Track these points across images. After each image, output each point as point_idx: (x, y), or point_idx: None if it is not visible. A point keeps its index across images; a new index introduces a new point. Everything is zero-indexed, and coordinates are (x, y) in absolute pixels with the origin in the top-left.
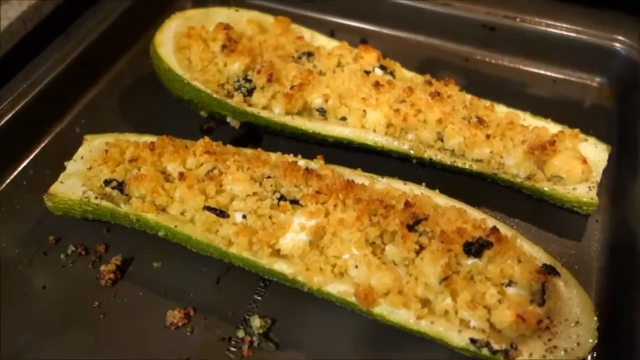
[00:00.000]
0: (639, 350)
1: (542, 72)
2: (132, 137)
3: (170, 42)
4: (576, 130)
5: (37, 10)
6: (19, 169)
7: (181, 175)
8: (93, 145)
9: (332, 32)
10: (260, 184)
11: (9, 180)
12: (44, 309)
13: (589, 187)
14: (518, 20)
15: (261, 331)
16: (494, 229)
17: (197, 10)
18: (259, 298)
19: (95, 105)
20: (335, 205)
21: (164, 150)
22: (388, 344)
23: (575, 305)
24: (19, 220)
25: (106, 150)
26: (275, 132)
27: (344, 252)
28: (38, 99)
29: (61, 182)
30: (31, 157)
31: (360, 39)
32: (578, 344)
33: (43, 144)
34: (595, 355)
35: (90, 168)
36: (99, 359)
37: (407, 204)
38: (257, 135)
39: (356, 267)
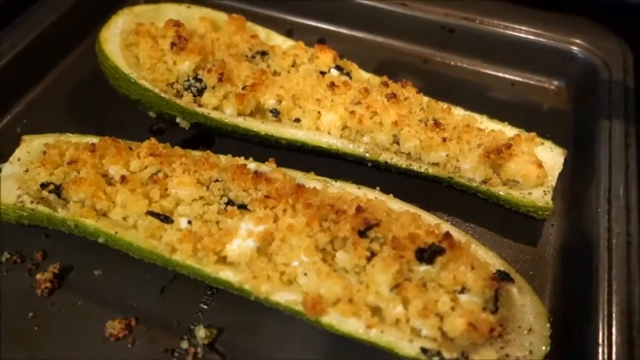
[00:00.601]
0: (589, 358)
1: (501, 74)
2: (74, 138)
3: (117, 38)
4: (532, 134)
5: None
6: None
7: (123, 179)
8: (32, 146)
9: (289, 31)
10: (208, 187)
11: None
12: None
13: (544, 191)
14: (477, 22)
15: (206, 342)
16: (447, 235)
17: (146, 7)
18: (206, 307)
19: (38, 104)
20: (284, 210)
21: (105, 152)
22: (340, 354)
23: (529, 312)
24: None
25: (44, 152)
26: (227, 134)
27: (293, 259)
28: None
29: None
30: None
31: (318, 39)
32: (530, 351)
33: None
34: None
35: (27, 170)
36: None
37: (359, 209)
38: (209, 137)
39: (305, 274)
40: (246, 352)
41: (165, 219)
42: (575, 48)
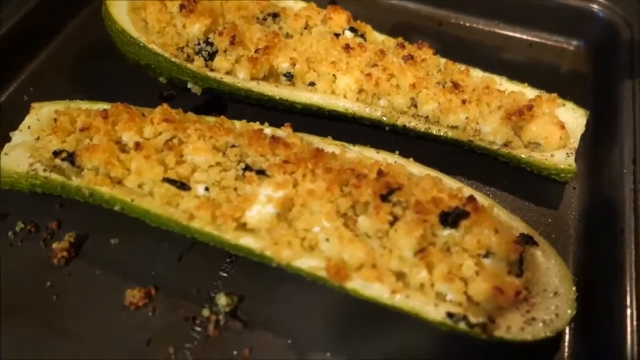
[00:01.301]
0: (617, 321)
1: (518, 35)
2: (84, 105)
3: (124, 1)
4: (554, 95)
5: None
6: None
7: (137, 145)
8: (41, 113)
9: None
10: (224, 153)
11: None
12: None
13: (567, 153)
14: None
15: (227, 309)
16: (471, 198)
17: None
18: (225, 275)
19: (43, 72)
20: (304, 175)
21: (118, 119)
22: (361, 320)
23: (554, 275)
24: None
25: (55, 119)
26: (239, 99)
27: (314, 224)
28: None
29: (5, 154)
30: None
31: (330, 1)
32: (557, 315)
33: None
34: (573, 326)
35: (38, 138)
36: (52, 346)
37: (380, 173)
38: (220, 102)
39: (327, 240)
40: (268, 319)
41: (182, 185)
42: (594, 6)
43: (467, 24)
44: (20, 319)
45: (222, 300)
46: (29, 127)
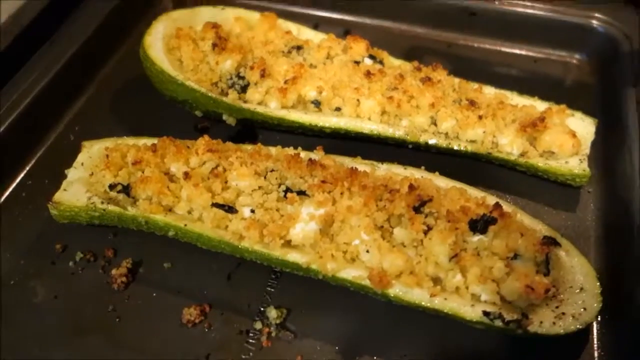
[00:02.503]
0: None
1: (524, 52)
2: (131, 141)
3: (159, 43)
4: (563, 106)
5: (16, 21)
6: (17, 181)
7: (186, 175)
8: (92, 151)
9: (315, 25)
10: (265, 177)
11: (7, 193)
12: (57, 318)
13: (580, 159)
14: (497, 2)
15: (278, 321)
16: (497, 205)
17: (183, 11)
18: (272, 290)
19: (86, 112)
20: (341, 193)
21: (166, 152)
22: (403, 324)
23: (578, 272)
24: (22, 231)
25: (107, 155)
26: (270, 127)
27: (353, 237)
28: (28, 110)
29: (64, 190)
30: (27, 168)
31: (344, 31)
32: (584, 309)
33: (38, 155)
34: (600, 319)
35: (92, 174)
36: None
37: (412, 187)
38: (252, 132)
39: (367, 251)
40: (315, 328)
41: (230, 209)
42: (594, 21)
43: (475, 44)
44: (87, 340)
45: (272, 313)
46: (82, 164)
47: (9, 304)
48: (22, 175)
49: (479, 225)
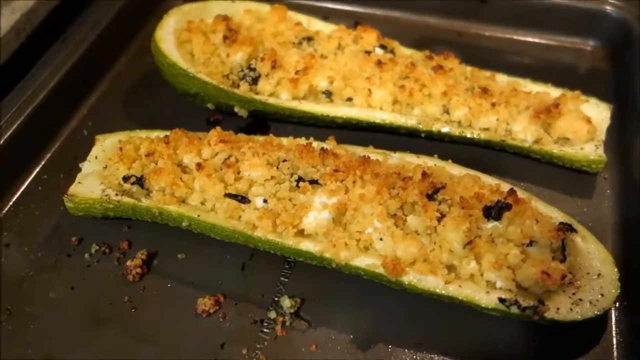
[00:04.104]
0: None
1: (536, 40)
2: (143, 134)
3: (170, 37)
4: (577, 92)
5: (29, 20)
6: (32, 176)
7: (199, 166)
8: (105, 144)
9: (325, 17)
10: (277, 167)
11: (23, 188)
12: (75, 309)
13: (596, 145)
14: None
15: (292, 310)
16: (511, 191)
17: (193, 5)
18: (286, 280)
19: (99, 107)
20: (354, 182)
21: (178, 143)
22: (418, 312)
23: (595, 258)
24: (39, 225)
25: (120, 148)
26: (282, 119)
27: (367, 226)
28: (43, 106)
29: (79, 183)
30: (42, 163)
31: (354, 22)
32: (602, 295)
33: (53, 149)
34: (618, 305)
35: (106, 167)
36: (135, 352)
37: (424, 174)
38: (263, 123)
39: (381, 239)
40: (329, 317)
41: (243, 199)
42: (607, 7)
43: (486, 33)
44: (104, 331)
45: (286, 302)
46: (96, 158)
47: (26, 297)
48: (37, 169)
49: (493, 211)
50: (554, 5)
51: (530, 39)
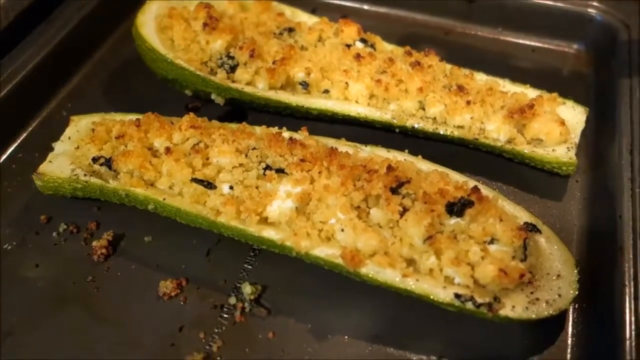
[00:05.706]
0: (617, 299)
1: (522, 41)
2: (118, 117)
3: (152, 22)
4: (554, 94)
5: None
6: (7, 153)
7: (168, 150)
8: (80, 125)
9: (313, 10)
10: (246, 155)
11: None
12: (37, 287)
13: (568, 147)
14: None
15: (252, 297)
16: (475, 189)
17: None
18: (250, 267)
19: (80, 89)
20: (319, 172)
21: (149, 127)
22: (377, 307)
23: (557, 259)
24: (9, 202)
25: (93, 129)
26: (259, 108)
27: (329, 217)
28: (22, 85)
29: (50, 162)
30: (18, 141)
31: (341, 16)
32: (559, 295)
33: (30, 129)
34: (577, 306)
35: (78, 147)
36: (95, 332)
37: (390, 168)
38: (241, 112)
39: (342, 230)
40: (289, 305)
41: (209, 185)
42: (593, 11)
43: (473, 32)
44: (67, 309)
45: (247, 289)
46: (69, 138)
47: None
48: (13, 147)
49: (456, 208)
50: (541, 7)
51: (516, 40)
